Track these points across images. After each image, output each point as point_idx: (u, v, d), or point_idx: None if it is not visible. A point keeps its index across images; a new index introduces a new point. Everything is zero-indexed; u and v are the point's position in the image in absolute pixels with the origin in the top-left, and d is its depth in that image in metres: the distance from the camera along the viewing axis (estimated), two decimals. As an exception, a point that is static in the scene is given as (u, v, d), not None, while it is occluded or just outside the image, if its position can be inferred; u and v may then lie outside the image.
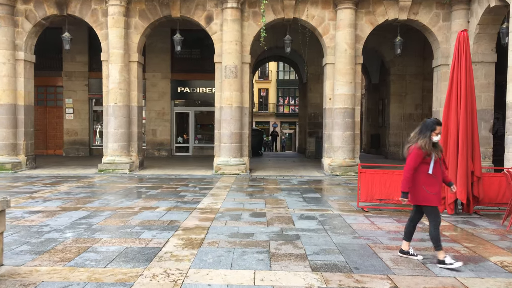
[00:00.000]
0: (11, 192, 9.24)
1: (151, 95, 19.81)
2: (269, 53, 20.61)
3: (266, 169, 14.80)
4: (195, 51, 20.34)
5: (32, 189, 9.74)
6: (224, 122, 13.63)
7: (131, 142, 14.11)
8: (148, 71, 19.61)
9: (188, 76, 20.12)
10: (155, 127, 19.92)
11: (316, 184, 11.30)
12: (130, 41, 13.91)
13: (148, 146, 19.93)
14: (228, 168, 13.46)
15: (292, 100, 43.44)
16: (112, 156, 13.71)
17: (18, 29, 13.85)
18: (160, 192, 9.53)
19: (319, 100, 19.34)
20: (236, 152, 13.63)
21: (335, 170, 13.42)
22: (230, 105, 13.57)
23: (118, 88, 13.60)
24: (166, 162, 17.22)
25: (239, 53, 13.68)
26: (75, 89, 19.54)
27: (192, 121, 20.60)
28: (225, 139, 13.61)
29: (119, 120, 13.68)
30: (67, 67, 19.54)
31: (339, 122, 13.59)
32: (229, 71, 13.55)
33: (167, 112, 19.94)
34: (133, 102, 14.09)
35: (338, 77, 13.62)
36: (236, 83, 13.60)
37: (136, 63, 14.04)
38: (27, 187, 10.18)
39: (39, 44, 15.17)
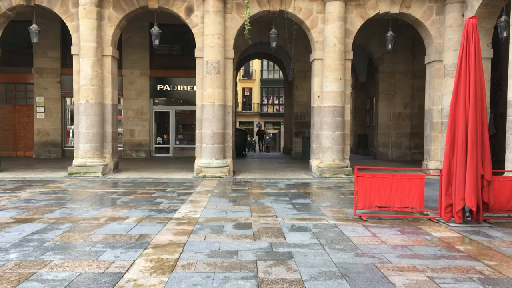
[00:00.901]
0: (-38, 200, 8.15)
1: (128, 93, 18.72)
2: (253, 49, 19.71)
3: (251, 171, 13.91)
4: (176, 46, 19.32)
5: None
6: (206, 122, 12.70)
7: (104, 143, 13.05)
8: (125, 67, 18.53)
9: (168, 73, 19.08)
10: (133, 127, 18.84)
11: (305, 188, 10.45)
12: (104, 34, 12.85)
13: (125, 147, 18.83)
14: (210, 170, 12.52)
15: (277, 100, 42.66)
16: (84, 158, 12.64)
17: (-22, 19, 12.66)
18: (133, 198, 8.54)
19: (306, 98, 18.56)
20: (218, 154, 12.71)
21: (324, 172, 12.60)
22: (212, 103, 12.64)
23: (90, 84, 12.54)
24: (144, 164, 16.19)
25: (222, 47, 12.76)
26: (46, 87, 18.32)
27: (173, 121, 19.58)
28: (206, 140, 12.68)
29: (91, 119, 12.62)
30: (38, 63, 18.31)
31: (328, 121, 12.78)
32: (211, 66, 12.61)
33: (145, 111, 18.87)
34: (107, 99, 13.03)
35: (327, 74, 12.82)
36: (218, 80, 12.67)
37: (110, 57, 12.98)
38: (-17, 193, 9.08)
39: (8, 38, 14.03)
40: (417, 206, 6.67)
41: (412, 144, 18.46)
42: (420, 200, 6.66)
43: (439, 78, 13.18)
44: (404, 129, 18.40)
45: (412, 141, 18.45)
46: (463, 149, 6.32)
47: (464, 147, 6.32)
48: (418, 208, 6.68)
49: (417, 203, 6.66)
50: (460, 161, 6.30)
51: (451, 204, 6.43)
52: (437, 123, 13.16)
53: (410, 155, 18.43)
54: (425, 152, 13.66)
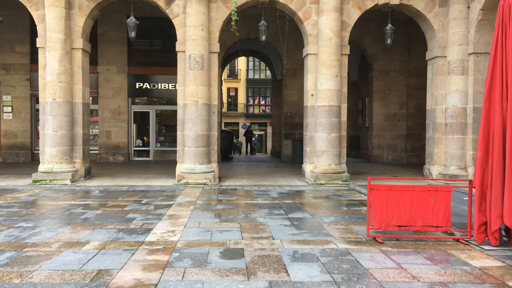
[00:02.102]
0: None
1: (104, 92, 17.29)
2: (240, 46, 18.49)
3: (238, 177, 12.66)
4: (156, 41, 17.97)
5: None
6: (189, 122, 11.41)
7: (74, 146, 11.65)
8: (101, 64, 17.11)
9: (148, 70, 17.71)
10: (110, 128, 17.41)
11: (300, 197, 9.26)
12: (73, 24, 11.47)
13: (101, 150, 17.39)
14: (193, 177, 11.24)
15: (263, 100, 41.50)
16: (50, 163, 11.24)
17: None
18: (100, 214, 7.22)
19: (296, 97, 17.42)
20: (202, 158, 11.43)
21: (319, 178, 11.44)
22: (196, 101, 11.37)
23: (57, 80, 11.13)
24: (121, 169, 14.80)
25: (206, 40, 11.50)
26: (14, 85, 16.78)
27: (153, 122, 18.20)
28: (189, 143, 11.39)
29: (58, 120, 11.22)
30: (4, 58, 16.75)
31: (324, 122, 11.62)
32: (194, 61, 11.34)
33: (123, 111, 17.46)
34: (77, 97, 11.64)
35: (322, 70, 11.66)
36: (202, 76, 11.41)
37: (81, 51, 11.60)
38: None
39: None
40: (443, 225, 5.52)
41: (408, 147, 17.46)
42: (447, 217, 5.52)
43: (442, 75, 12.13)
44: (400, 130, 17.39)
45: (408, 143, 17.45)
46: (500, 156, 5.19)
47: (502, 153, 5.19)
48: (445, 227, 5.53)
49: (443, 221, 5.51)
50: (497, 171, 5.17)
51: (485, 222, 5.30)
52: (441, 124, 12.12)
53: (405, 158, 17.42)
54: (427, 155, 12.60)
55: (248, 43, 18.50)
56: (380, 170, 14.54)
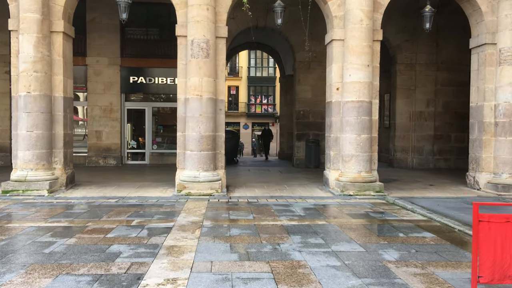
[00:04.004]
0: None
1: (94, 87, 15.32)
2: (245, 37, 16.59)
3: (249, 186, 10.72)
4: (153, 30, 16.02)
5: None
6: (191, 121, 9.49)
7: (53, 149, 9.71)
8: (90, 55, 15.16)
9: (144, 63, 15.75)
10: (100, 127, 15.44)
11: (332, 214, 7.34)
12: (52, 3, 9.54)
13: (90, 153, 15.43)
14: (197, 186, 9.31)
15: (265, 99, 39.55)
16: (24, 170, 9.30)
17: None
18: (74, 244, 5.28)
19: (310, 94, 15.52)
20: (208, 164, 9.51)
21: (346, 188, 9.53)
22: (199, 96, 9.45)
23: (32, 69, 9.19)
24: (112, 174, 12.86)
25: (212, 22, 9.58)
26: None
27: (149, 120, 16.24)
28: (192, 145, 9.46)
29: (34, 118, 9.27)
30: (-20, 48, 14.78)
31: (352, 121, 9.72)
32: (198, 47, 9.42)
33: (115, 108, 15.49)
34: (57, 91, 9.71)
35: (350, 59, 9.76)
36: (207, 65, 9.49)
37: (62, 34, 9.67)
38: None
39: None
40: None
41: (436, 149, 15.57)
42: None
43: (491, 66, 10.25)
44: (426, 131, 15.49)
45: (436, 146, 15.56)
46: None
47: None
48: None
49: None
50: None
51: None
52: (490, 123, 10.23)
53: (433, 162, 15.53)
54: (472, 160, 10.70)
55: (256, 33, 16.59)
56: (409, 177, 12.63)
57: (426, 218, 7.06)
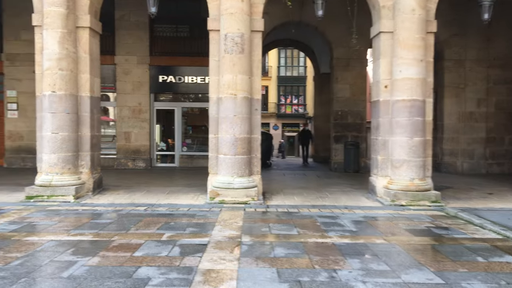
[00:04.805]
0: None
1: (123, 86, 14.81)
2: (277, 34, 15.78)
3: (287, 193, 9.86)
4: (183, 27, 15.39)
5: None
6: (225, 122, 8.72)
7: (79, 152, 9.12)
8: (119, 53, 14.67)
9: (173, 61, 15.13)
10: (129, 129, 14.91)
11: (389, 230, 6.40)
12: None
13: (119, 155, 14.92)
14: (231, 193, 8.53)
15: (295, 99, 38.58)
16: (49, 174, 8.73)
17: None
18: (96, 266, 4.57)
19: (349, 93, 14.55)
20: (243, 169, 8.71)
21: (398, 197, 8.53)
22: (234, 95, 8.67)
23: (57, 67, 8.62)
24: (141, 178, 12.27)
25: (247, 14, 8.79)
26: (19, 78, 14.45)
27: (179, 121, 15.61)
28: (225, 149, 8.69)
29: (59, 118, 8.70)
30: (9, 48, 14.48)
31: (403, 123, 8.72)
32: (232, 42, 8.64)
33: (144, 109, 14.93)
34: (84, 90, 9.12)
35: (400, 53, 8.76)
36: (242, 61, 8.71)
37: (88, 30, 9.07)
38: None
39: None
40: None
41: (488, 153, 14.30)
42: None
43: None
44: (477, 133, 14.23)
45: (488, 149, 14.29)
46: None
47: None
48: None
49: None
50: None
51: None
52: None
53: (485, 167, 14.26)
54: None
55: (289, 30, 15.75)
56: (463, 184, 11.48)
57: (502, 236, 6.03)
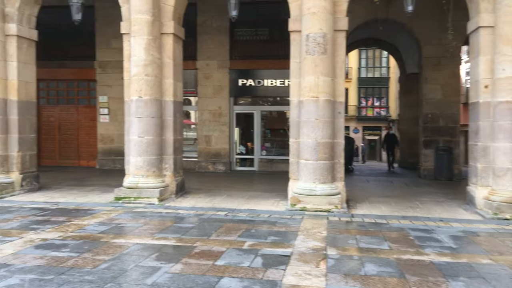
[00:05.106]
0: None
1: (203, 91, 15.08)
2: (359, 34, 15.11)
3: (373, 201, 9.28)
4: (262, 30, 15.34)
5: None
6: (306, 126, 8.38)
7: (163, 155, 9.33)
8: (200, 58, 14.95)
9: (253, 64, 15.12)
10: (209, 132, 15.14)
11: (496, 248, 5.64)
12: (163, 3, 9.15)
13: (200, 158, 15.20)
14: (313, 200, 8.17)
15: (377, 102, 37.10)
16: (135, 177, 9.01)
17: (9, -8, 9.64)
18: (179, 273, 4.49)
19: (440, 94, 13.51)
20: (325, 175, 8.31)
21: (501, 210, 7.61)
22: (315, 98, 8.30)
23: (143, 73, 8.88)
24: (221, 181, 12.35)
25: (330, 13, 8.39)
26: (110, 84, 15.33)
27: (258, 125, 15.55)
28: (307, 154, 8.35)
29: (145, 123, 8.95)
30: (101, 55, 15.42)
31: (507, 127, 7.79)
32: (314, 42, 8.29)
33: (224, 112, 15.07)
34: (167, 95, 9.31)
35: (503, 49, 7.85)
36: (324, 63, 8.32)
37: (172, 36, 9.25)
38: (-45, 241, 5.65)
39: (69, 27, 11.11)
40: None
41: None
42: None
43: None
44: None
45: None
46: None
47: None
48: None
49: None
50: None
51: None
52: None
53: None
54: None
55: (371, 29, 15.04)
56: None
57: None
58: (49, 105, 16.28)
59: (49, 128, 16.13)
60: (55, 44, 15.17)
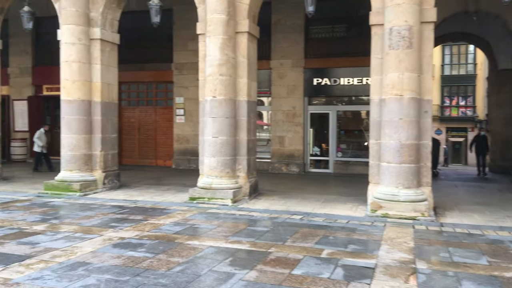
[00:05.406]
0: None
1: (277, 91, 14.82)
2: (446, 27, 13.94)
3: (463, 210, 8.40)
4: (339, 27, 14.73)
5: (30, 250, 5.38)
6: (388, 127, 7.78)
7: (237, 156, 9.19)
8: (274, 58, 14.72)
9: (328, 63, 14.58)
10: (283, 133, 14.85)
11: None
12: (238, 2, 9.02)
13: (273, 159, 14.97)
14: (396, 207, 7.54)
15: (462, 101, 34.55)
16: (209, 177, 8.96)
17: (93, -3, 10.07)
18: (254, 282, 4.22)
19: (541, 91, 12.02)
20: (409, 179, 7.65)
21: None
22: (399, 96, 7.68)
23: (218, 73, 8.80)
24: (294, 183, 12.02)
25: (416, 4, 7.73)
26: (186, 85, 15.61)
27: (334, 125, 14.97)
28: (389, 156, 7.74)
29: (219, 123, 8.87)
30: (178, 57, 15.75)
31: None
32: (398, 36, 7.68)
33: (298, 113, 14.70)
34: (241, 94, 9.16)
35: None
36: (409, 58, 7.67)
37: (246, 35, 9.09)
38: (44, 235, 5.89)
39: (149, 31, 11.49)
40: None
41: None
42: None
43: None
44: None
45: None
46: None
47: None
48: None
49: None
50: None
51: None
52: None
53: None
54: None
55: (458, 22, 13.84)
56: None
57: None
58: (130, 106, 16.99)
59: (130, 128, 16.84)
60: (136, 47, 15.77)
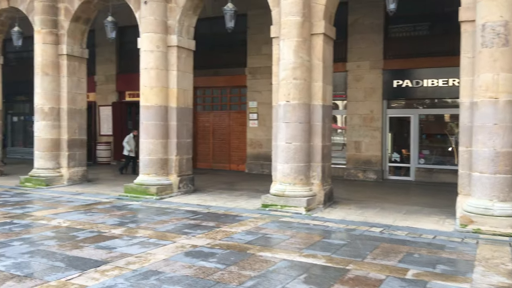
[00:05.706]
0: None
1: (354, 94, 14.20)
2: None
3: None
4: (422, 25, 13.77)
5: (106, 255, 5.47)
6: (480, 132, 7.01)
7: (311, 162, 8.84)
8: (350, 60, 14.13)
9: (409, 63, 13.67)
10: (359, 138, 14.18)
11: None
12: (314, 3, 8.69)
13: (349, 165, 14.36)
14: (490, 222, 6.76)
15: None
16: (282, 184, 8.71)
17: (171, 5, 10.26)
18: (330, 304, 3.88)
19: None
20: (506, 192, 6.84)
21: None
22: (494, 98, 6.90)
23: (291, 76, 8.54)
24: (372, 192, 11.39)
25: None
26: (259, 89, 15.52)
27: (416, 130, 14.00)
28: (481, 165, 6.97)
29: (292, 128, 8.60)
30: (251, 62, 15.72)
31: None
32: (492, 33, 6.90)
33: (376, 117, 13.95)
34: (316, 99, 8.80)
35: None
36: (505, 56, 6.88)
37: (322, 37, 8.72)
38: (120, 241, 6.00)
39: (223, 36, 11.61)
40: None
41: None
42: None
43: None
44: None
45: None
46: None
47: None
48: None
49: None
50: None
51: None
52: None
53: None
54: None
55: None
56: None
57: None
58: (205, 111, 17.30)
59: (205, 133, 17.12)
60: (210, 53, 16.01)
